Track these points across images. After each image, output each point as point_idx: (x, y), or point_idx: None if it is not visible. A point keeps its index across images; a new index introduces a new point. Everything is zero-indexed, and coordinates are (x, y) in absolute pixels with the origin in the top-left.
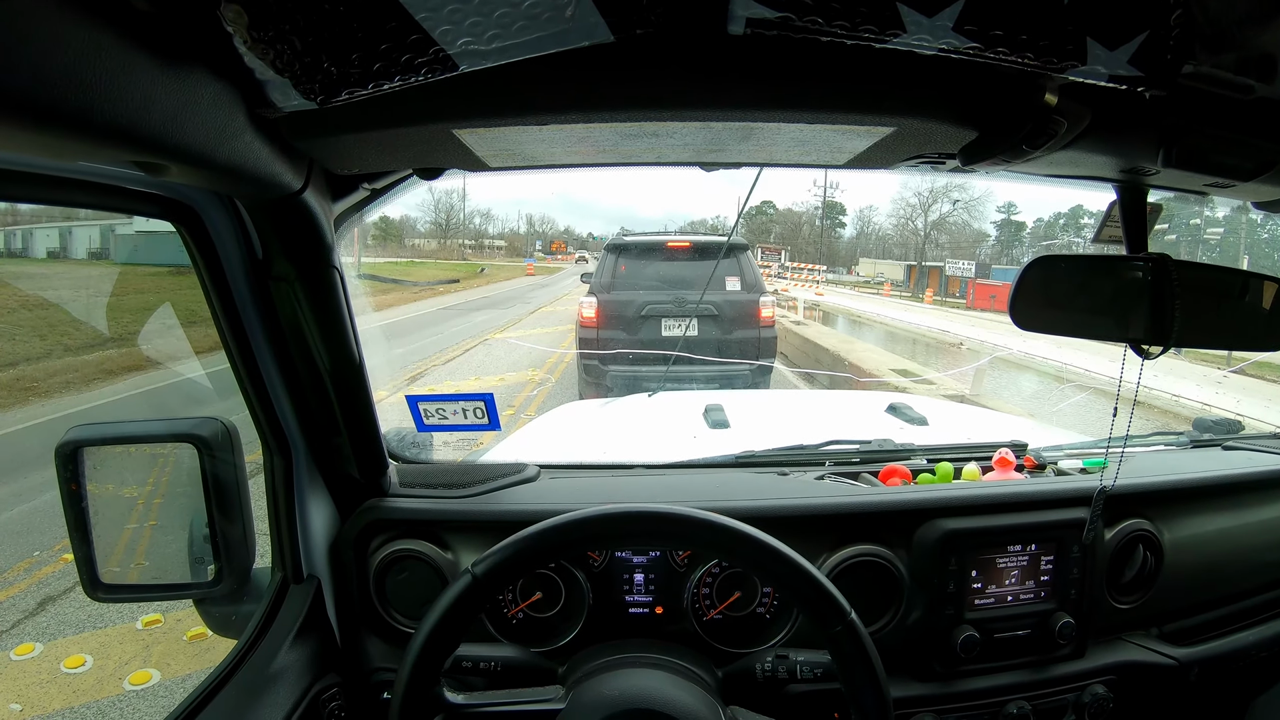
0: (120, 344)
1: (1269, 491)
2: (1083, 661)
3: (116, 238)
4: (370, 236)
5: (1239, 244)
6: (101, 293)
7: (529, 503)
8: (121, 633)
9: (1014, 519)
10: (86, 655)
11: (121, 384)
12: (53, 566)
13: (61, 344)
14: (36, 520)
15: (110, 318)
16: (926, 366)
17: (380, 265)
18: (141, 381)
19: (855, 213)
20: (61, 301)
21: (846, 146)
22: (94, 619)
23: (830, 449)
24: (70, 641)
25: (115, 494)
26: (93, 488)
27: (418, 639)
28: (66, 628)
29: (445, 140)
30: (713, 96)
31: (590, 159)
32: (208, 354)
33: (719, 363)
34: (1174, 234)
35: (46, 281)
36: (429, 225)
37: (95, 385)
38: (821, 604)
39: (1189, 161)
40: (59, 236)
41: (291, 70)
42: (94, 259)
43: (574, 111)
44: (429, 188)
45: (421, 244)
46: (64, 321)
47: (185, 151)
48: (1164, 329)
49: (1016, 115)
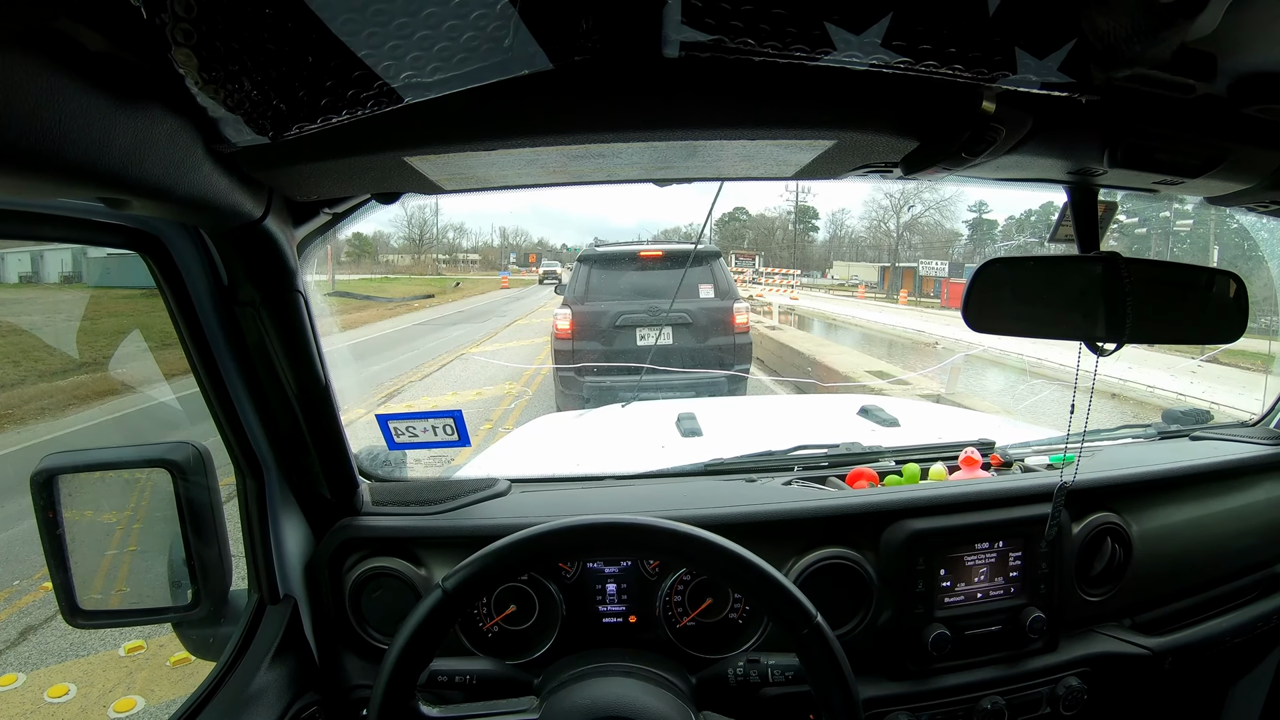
0: (94, 368)
1: (1236, 480)
2: (1055, 655)
3: (88, 260)
4: (344, 253)
5: (1209, 234)
6: (74, 317)
7: (500, 517)
8: (104, 660)
9: (980, 517)
10: (70, 684)
11: (97, 409)
12: (33, 595)
13: (35, 370)
14: (16, 549)
15: (83, 342)
16: (902, 367)
17: (354, 282)
18: (117, 406)
19: (828, 216)
20: (34, 327)
21: (791, 159)
22: (76, 647)
23: (798, 454)
24: (53, 670)
25: (92, 520)
26: (70, 514)
27: (391, 655)
28: (49, 657)
29: (398, 167)
30: (654, 118)
31: (542, 179)
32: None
33: (693, 373)
34: (1144, 227)
35: (19, 307)
36: (403, 241)
37: (70, 411)
38: (786, 608)
39: (1135, 161)
40: (30, 261)
41: (242, 108)
42: (66, 282)
43: (521, 136)
44: (401, 204)
45: (395, 259)
46: (37, 347)
47: (145, 186)
48: (1118, 326)
49: (955, 124)
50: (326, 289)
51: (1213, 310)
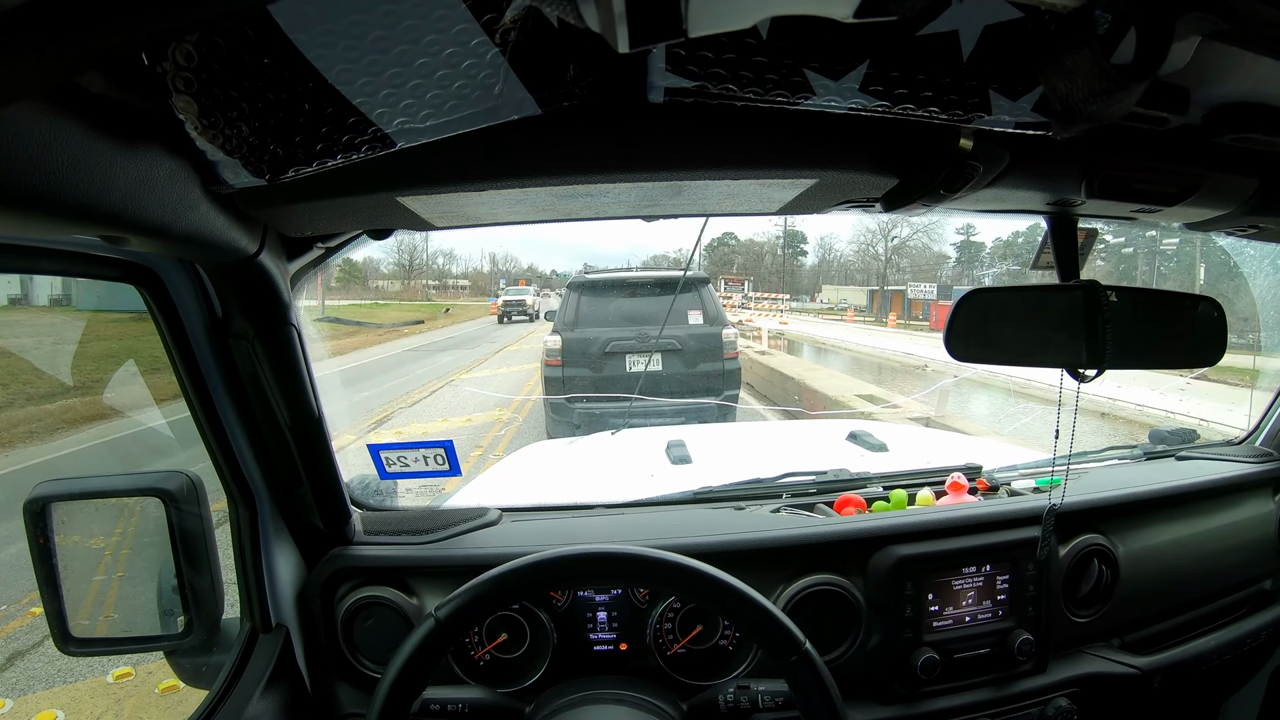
0: (83, 392)
1: (1221, 499)
2: (1044, 676)
3: (78, 284)
4: (334, 279)
5: (1195, 253)
6: (65, 340)
7: (491, 546)
8: (92, 687)
9: (967, 541)
10: (58, 710)
11: (86, 432)
12: (21, 620)
13: (24, 393)
14: (4, 573)
15: (73, 365)
16: (893, 391)
17: (344, 308)
18: (105, 430)
19: (816, 240)
20: (23, 350)
21: (775, 196)
22: (64, 673)
23: (786, 481)
24: (40, 697)
25: (83, 546)
26: (61, 540)
27: (384, 684)
28: (36, 683)
29: (391, 206)
30: (640, 160)
31: (531, 217)
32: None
33: (681, 402)
34: (1130, 246)
35: (8, 329)
36: (392, 267)
37: (59, 435)
38: (775, 635)
39: (1112, 192)
40: (20, 283)
41: (240, 152)
42: (56, 305)
43: (510, 178)
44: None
45: (385, 285)
46: (25, 370)
47: (144, 225)
48: (1098, 353)
49: (933, 161)
50: (316, 314)
51: (1192, 335)
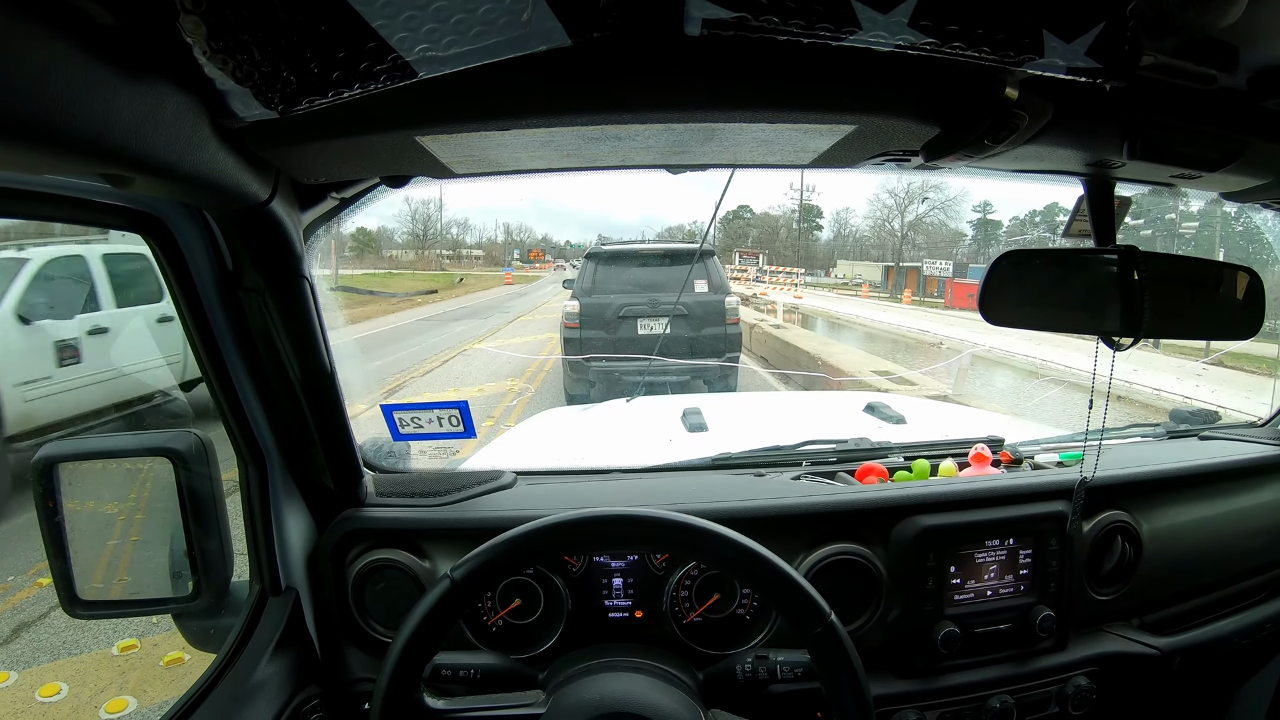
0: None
1: (1244, 480)
2: (1064, 654)
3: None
4: (348, 248)
5: (1214, 237)
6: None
7: (505, 509)
8: (97, 659)
9: (991, 514)
10: (62, 683)
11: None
12: (27, 591)
13: None
14: (11, 543)
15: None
16: (909, 367)
17: (358, 277)
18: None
19: (832, 215)
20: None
21: (810, 146)
22: (69, 645)
23: (807, 449)
24: (45, 669)
25: (95, 510)
26: (71, 505)
27: (397, 644)
28: (41, 655)
29: (409, 147)
30: (673, 98)
31: (555, 163)
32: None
33: (687, 363)
34: (1149, 229)
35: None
36: (406, 236)
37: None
38: (800, 606)
39: (1154, 153)
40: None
41: (251, 80)
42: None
43: (535, 116)
44: (405, 199)
45: (399, 255)
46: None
47: (150, 163)
48: (1135, 321)
49: (977, 110)
50: (330, 283)
51: (1229, 305)
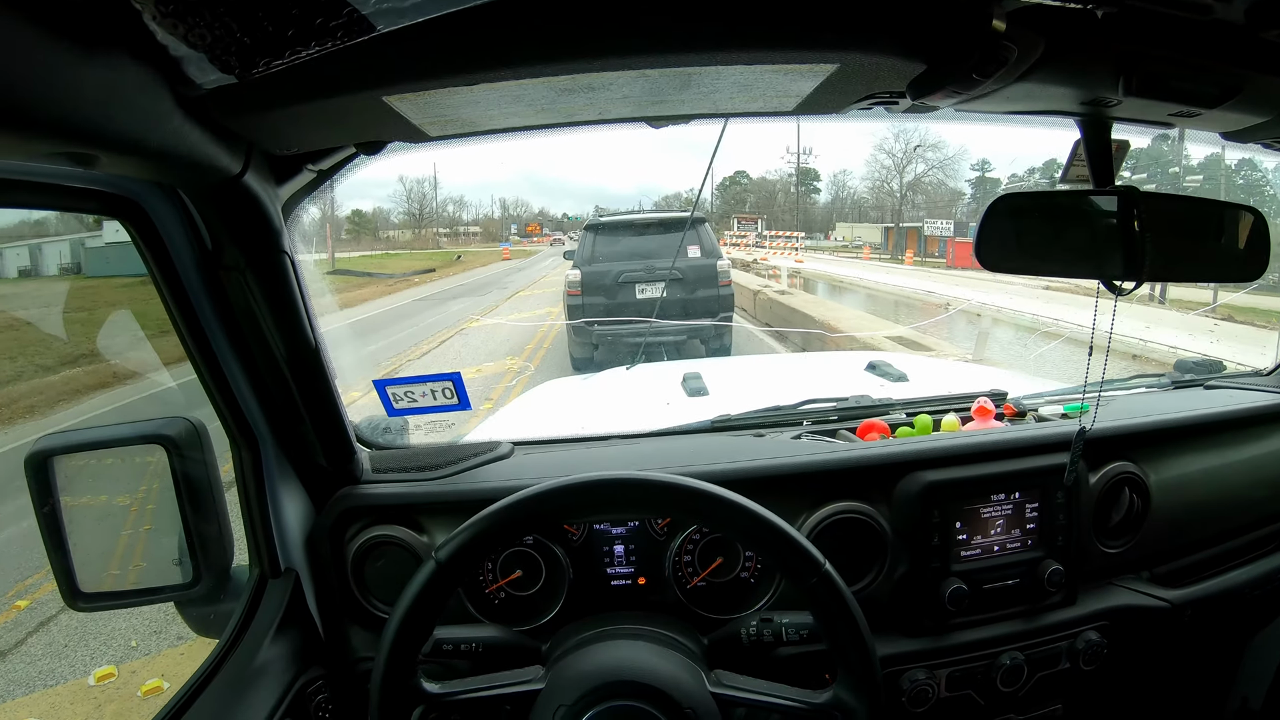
0: (96, 359)
1: (1252, 429)
2: (1074, 608)
3: (87, 251)
4: (344, 231)
5: (1217, 190)
6: (74, 308)
7: (502, 480)
8: (73, 690)
9: (995, 467)
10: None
11: (98, 398)
12: (5, 615)
13: (34, 364)
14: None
15: (86, 333)
16: (921, 332)
17: (355, 259)
18: (118, 395)
19: (829, 177)
20: (35, 320)
21: (792, 89)
22: (45, 676)
23: (807, 408)
24: (18, 704)
25: (101, 503)
26: (69, 500)
27: (389, 630)
28: (16, 688)
29: (377, 109)
30: (645, 42)
31: (531, 120)
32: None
33: (683, 324)
34: (1153, 183)
35: (18, 301)
36: (403, 216)
37: (73, 401)
38: (793, 558)
39: (1150, 89)
40: (29, 254)
41: (204, 43)
42: (66, 274)
43: (503, 68)
44: (399, 178)
45: (396, 235)
46: (35, 341)
47: (115, 139)
48: (1136, 264)
49: (964, 43)
50: (326, 267)
51: (1233, 246)
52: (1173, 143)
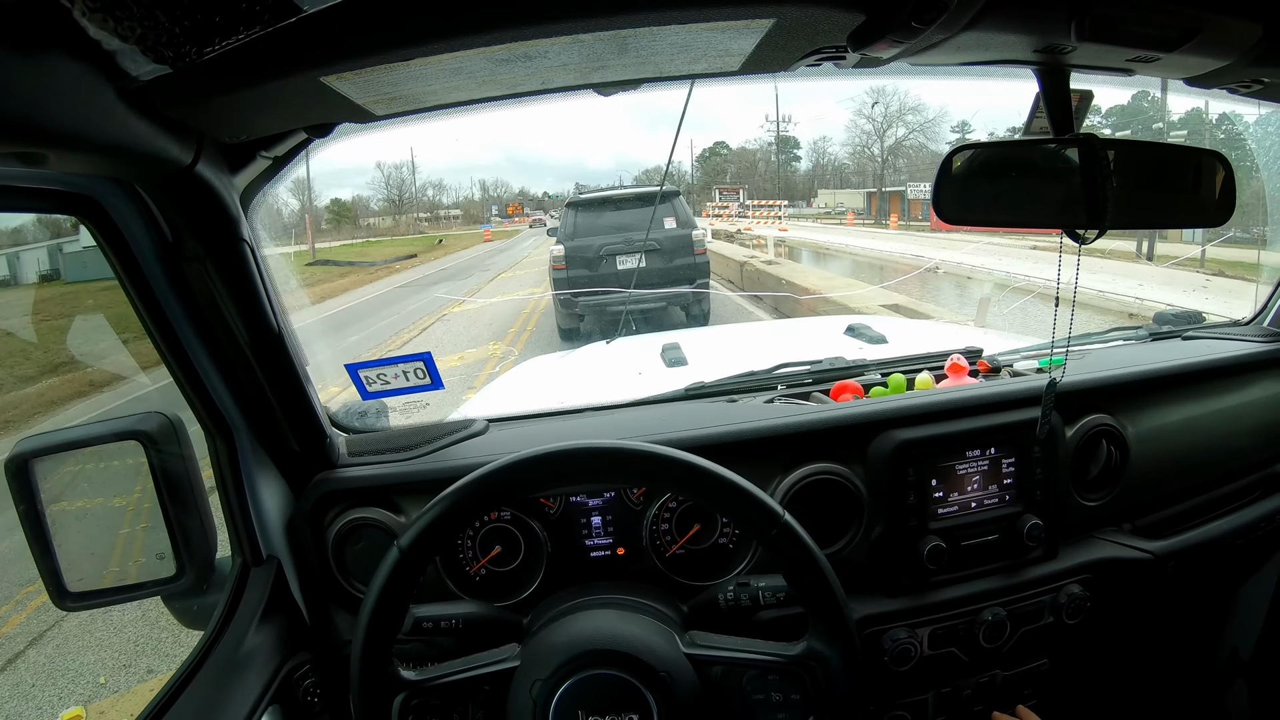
0: (76, 366)
1: (1230, 378)
2: (1056, 562)
3: (65, 257)
4: (324, 221)
5: (1200, 145)
6: (55, 315)
7: (476, 456)
8: None
9: (969, 424)
10: None
11: (82, 405)
12: None
13: (12, 375)
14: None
15: (59, 340)
16: (921, 300)
17: (336, 249)
18: (101, 401)
19: (809, 145)
20: (15, 330)
21: (733, 48)
22: (10, 719)
23: (782, 372)
24: None
25: (83, 503)
26: (51, 502)
27: (362, 618)
28: None
29: (318, 91)
30: (574, 6)
31: (475, 93)
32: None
33: (664, 292)
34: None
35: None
36: (383, 203)
37: (54, 411)
38: (751, 511)
39: (1104, 33)
40: (7, 263)
41: (134, 35)
42: (45, 281)
43: (436, 40)
44: (377, 164)
45: (376, 223)
46: (14, 351)
47: (59, 136)
48: (1099, 211)
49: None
50: (307, 259)
51: (1199, 192)
52: (1154, 99)
